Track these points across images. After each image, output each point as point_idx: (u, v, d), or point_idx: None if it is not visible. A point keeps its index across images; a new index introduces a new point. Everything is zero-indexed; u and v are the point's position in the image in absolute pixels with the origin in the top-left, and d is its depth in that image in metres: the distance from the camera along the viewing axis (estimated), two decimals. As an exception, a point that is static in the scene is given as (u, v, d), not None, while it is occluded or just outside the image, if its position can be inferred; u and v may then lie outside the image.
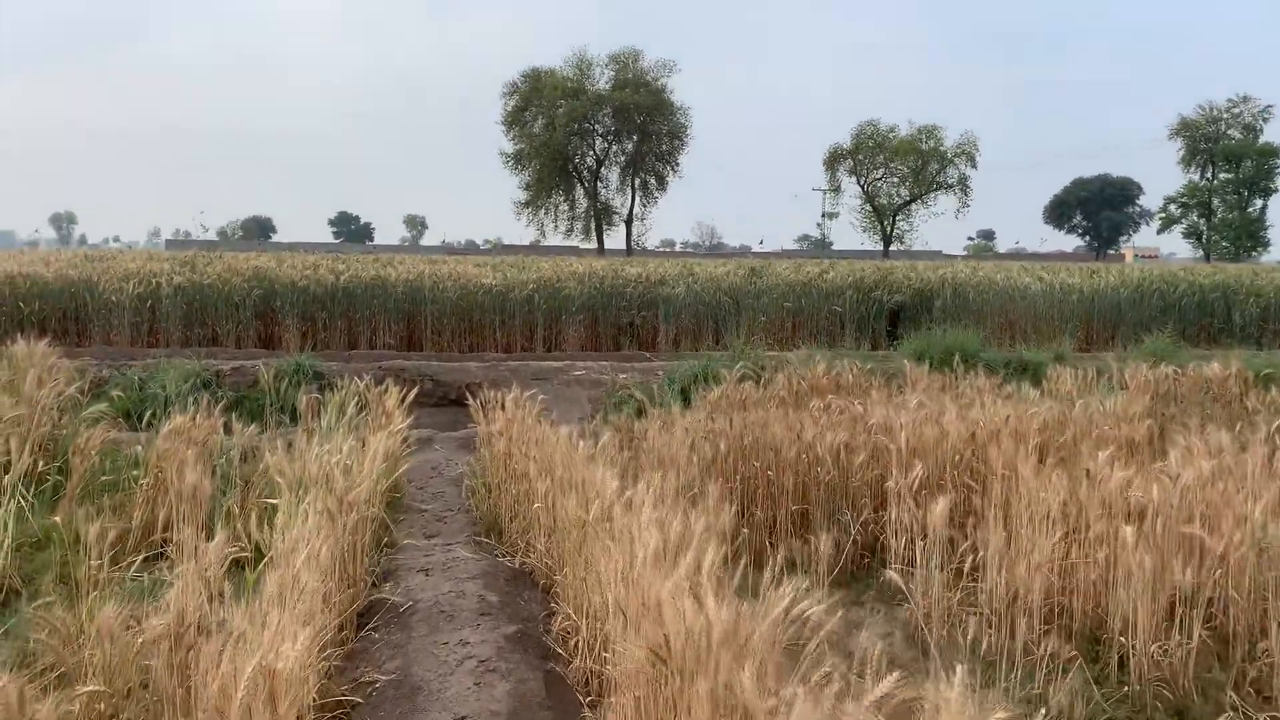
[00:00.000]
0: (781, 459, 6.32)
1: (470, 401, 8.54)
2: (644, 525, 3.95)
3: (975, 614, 5.01)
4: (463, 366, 13.01)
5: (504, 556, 6.22)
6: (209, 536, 4.74)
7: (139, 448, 6.74)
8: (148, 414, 9.88)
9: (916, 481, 5.66)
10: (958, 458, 6.16)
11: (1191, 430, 6.62)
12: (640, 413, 11.25)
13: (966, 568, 5.06)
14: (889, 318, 16.36)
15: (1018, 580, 4.79)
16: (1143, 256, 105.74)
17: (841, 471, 6.20)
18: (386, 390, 8.69)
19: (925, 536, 5.16)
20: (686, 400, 11.78)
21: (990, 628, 4.85)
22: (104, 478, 6.42)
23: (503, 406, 7.85)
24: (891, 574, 4.35)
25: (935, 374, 9.70)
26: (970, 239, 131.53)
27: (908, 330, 16.37)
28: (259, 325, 14.89)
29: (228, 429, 11.14)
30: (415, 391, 12.55)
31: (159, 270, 14.97)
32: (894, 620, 5.34)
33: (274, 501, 5.20)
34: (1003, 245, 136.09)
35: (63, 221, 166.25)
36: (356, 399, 8.39)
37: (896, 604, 5.55)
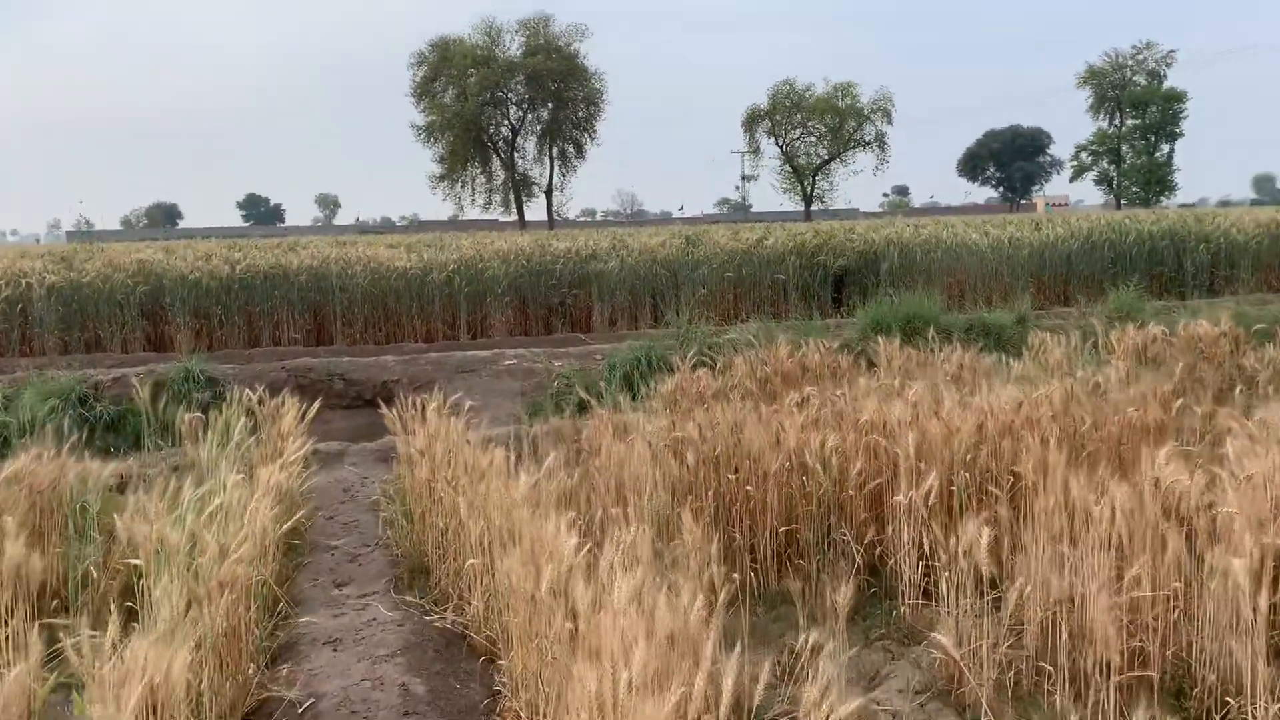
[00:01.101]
0: (762, 469, 5.27)
1: (385, 410, 7.32)
2: (618, 612, 2.86)
3: (1024, 659, 4.04)
4: (378, 362, 11.73)
5: (432, 611, 5.08)
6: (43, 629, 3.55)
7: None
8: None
9: (931, 494, 4.66)
10: (969, 457, 5.17)
11: (1223, 406, 5.74)
12: (583, 408, 10.14)
13: (1009, 609, 4.06)
14: (834, 283, 15.44)
15: (1079, 621, 3.82)
16: (1054, 205, 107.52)
17: (834, 481, 5.17)
18: (283, 403, 7.43)
19: (951, 566, 4.16)
20: (631, 389, 10.68)
21: (1049, 681, 3.89)
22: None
23: (424, 417, 6.68)
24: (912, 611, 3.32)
25: (904, 346, 8.75)
26: (885, 195, 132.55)
27: (853, 295, 15.48)
28: (147, 326, 13.35)
29: (107, 452, 9.69)
30: (324, 394, 11.28)
31: (29, 269, 13.31)
32: (919, 668, 4.34)
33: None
34: (917, 200, 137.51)
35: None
36: (247, 415, 7.12)
37: (915, 643, 4.56)
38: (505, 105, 67.01)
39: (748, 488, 5.24)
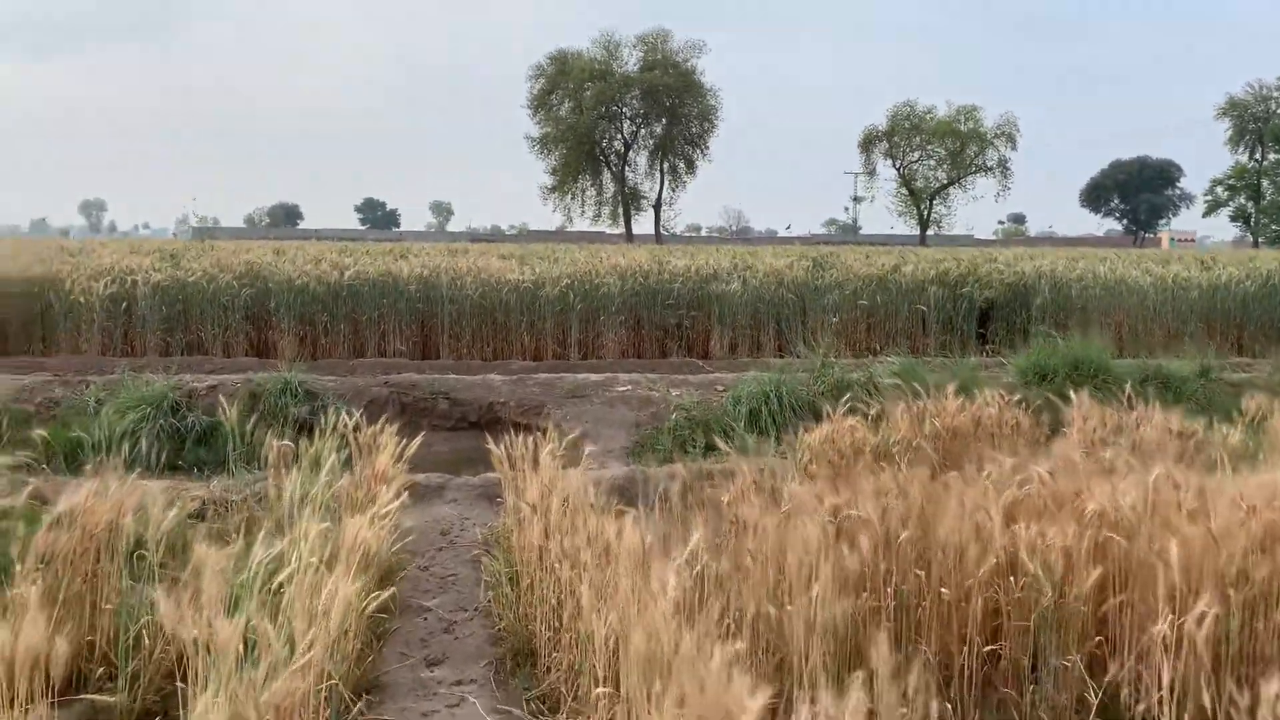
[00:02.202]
0: (960, 566, 4.18)
1: (491, 444, 6.45)
2: None
3: None
4: (485, 381, 10.91)
5: (540, 716, 4.12)
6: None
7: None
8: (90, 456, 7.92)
9: (1206, 629, 3.50)
10: (1235, 570, 3.98)
11: None
12: (709, 448, 9.13)
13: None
14: (979, 317, 14.11)
15: None
16: (1180, 241, 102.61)
17: (1057, 590, 4.04)
18: (381, 431, 6.61)
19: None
20: (759, 427, 9.65)
21: None
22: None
23: (535, 461, 5.76)
24: None
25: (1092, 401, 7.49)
26: (1001, 223, 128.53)
27: (999, 331, 14.13)
28: (251, 330, 12.85)
29: (195, 468, 9.04)
30: (427, 415, 10.52)
31: (136, 266, 12.95)
32: None
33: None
34: (1034, 229, 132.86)
35: (92, 209, 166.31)
36: (340, 445, 6.32)
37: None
38: (619, 119, 66.88)
39: (942, 589, 4.15)
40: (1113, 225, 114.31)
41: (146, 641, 4.23)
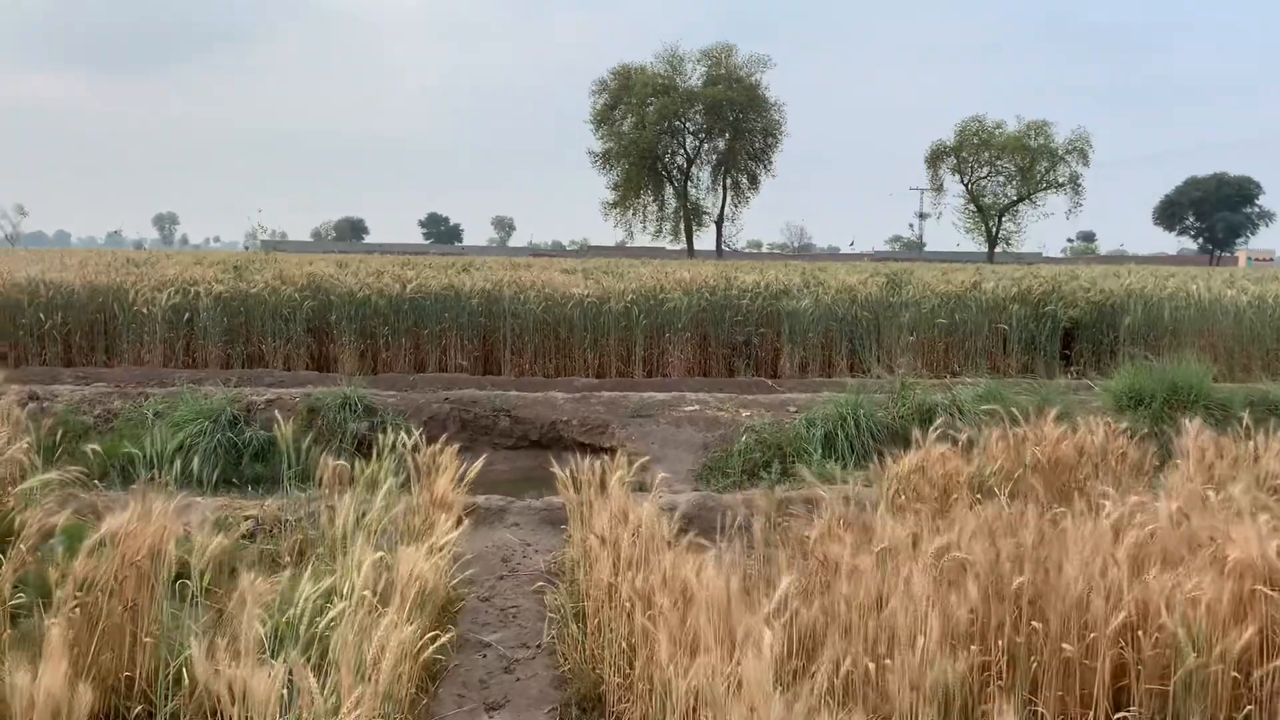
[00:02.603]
0: (1083, 619, 3.70)
1: (556, 466, 6.14)
2: None
3: None
4: (547, 398, 10.58)
5: (611, 774, 3.73)
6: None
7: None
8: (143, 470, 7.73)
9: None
10: None
11: None
12: (784, 474, 8.67)
13: None
14: (1063, 338, 13.45)
15: None
16: (1258, 260, 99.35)
17: (1200, 651, 3.53)
18: (441, 452, 6.30)
19: None
20: (835, 453, 9.16)
21: None
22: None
23: (603, 487, 5.40)
24: None
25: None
26: (1070, 241, 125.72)
27: (1085, 353, 13.45)
28: (312, 343, 12.69)
29: (254, 483, 8.87)
30: (488, 432, 10.21)
31: (199, 277, 12.88)
32: None
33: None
34: (1104, 247, 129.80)
35: (165, 222, 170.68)
36: (398, 466, 6.02)
37: None
38: (682, 134, 66.54)
39: (1064, 645, 3.67)
40: (1187, 244, 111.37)
41: (187, 680, 3.91)
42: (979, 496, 5.81)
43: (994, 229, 74.47)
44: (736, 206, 68.85)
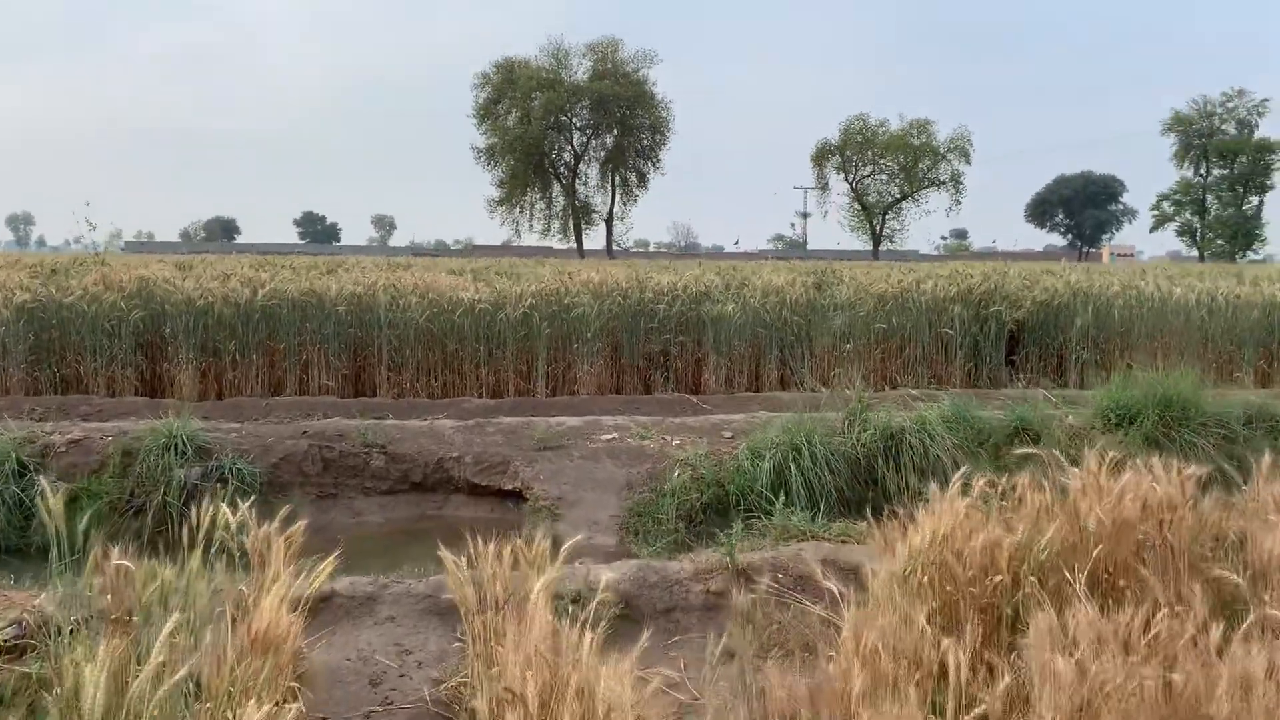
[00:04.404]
0: None
1: (445, 553, 4.38)
2: None
3: None
4: (433, 429, 8.69)
5: None
6: None
7: None
8: None
9: None
10: None
11: None
12: (724, 517, 6.98)
13: None
14: (1007, 342, 12.20)
15: None
16: (1120, 256, 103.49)
17: None
18: (278, 536, 4.43)
19: None
20: (783, 488, 7.55)
21: None
22: None
23: (519, 614, 3.66)
24: None
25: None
26: (943, 238, 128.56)
27: (1031, 358, 12.22)
28: (143, 362, 10.45)
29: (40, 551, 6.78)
30: (356, 474, 8.25)
31: (2, 283, 10.50)
32: None
33: None
34: (976, 244, 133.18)
35: (19, 223, 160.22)
36: (217, 551, 4.15)
37: None
38: (569, 130, 64.72)
39: None
40: (1055, 240, 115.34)
41: None
42: (1034, 579, 4.25)
43: (878, 227, 75.03)
44: (626, 205, 67.49)
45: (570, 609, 5.10)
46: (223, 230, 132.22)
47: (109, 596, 4.19)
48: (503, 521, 7.98)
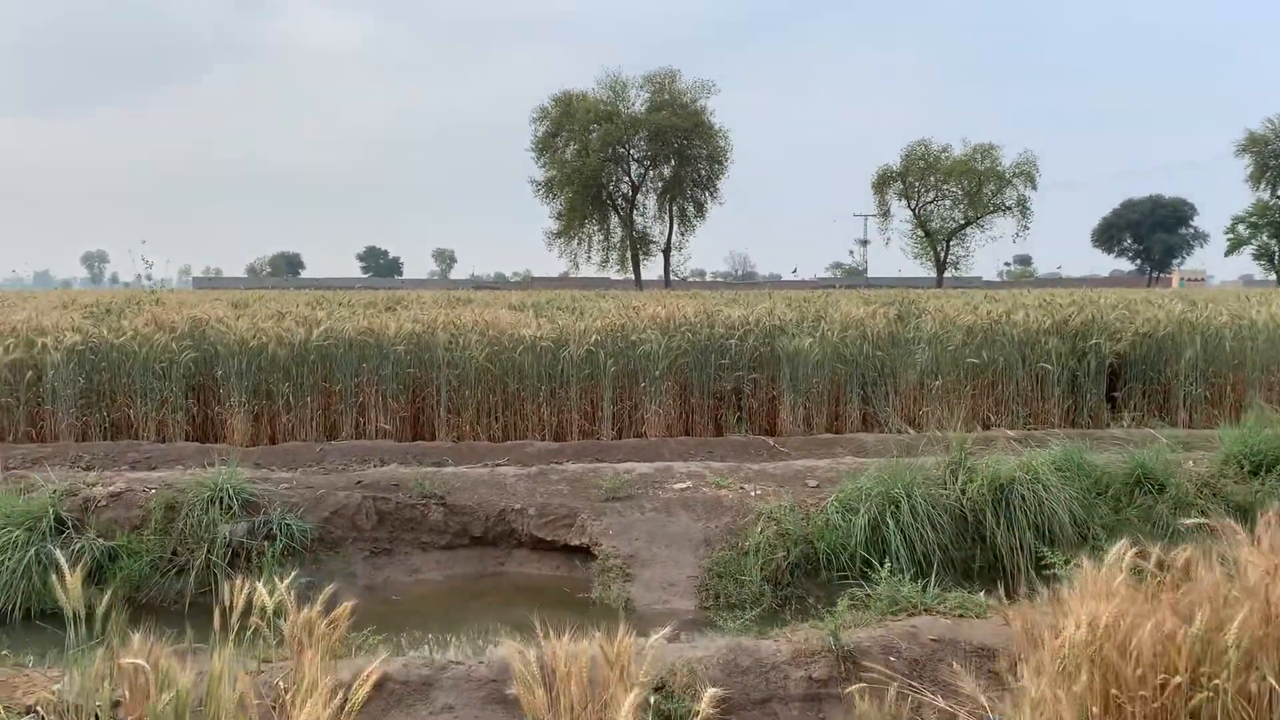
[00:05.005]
0: None
1: (518, 669, 3.75)
2: None
3: None
4: (494, 476, 8.10)
5: None
6: None
7: None
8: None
9: None
10: None
11: None
12: (814, 579, 6.27)
13: None
14: (1110, 377, 11.31)
15: None
16: (1190, 281, 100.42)
17: None
18: (324, 620, 3.85)
19: None
20: (880, 546, 6.80)
21: None
22: None
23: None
24: None
25: None
26: (1006, 265, 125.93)
27: (1134, 394, 11.30)
28: (194, 406, 10.05)
29: (86, 621, 6.26)
30: (414, 528, 7.68)
31: (50, 325, 10.19)
32: None
33: None
34: (1041, 270, 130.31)
35: (94, 261, 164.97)
36: (250, 638, 3.58)
37: None
38: (626, 161, 64.51)
39: None
40: (1121, 265, 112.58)
41: None
42: (1221, 682, 3.49)
43: (942, 254, 73.58)
44: (683, 235, 67.01)
45: (653, 699, 4.45)
46: (288, 265, 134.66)
47: (127, 693, 3.69)
48: (569, 580, 7.35)
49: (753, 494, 7.77)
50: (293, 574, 6.62)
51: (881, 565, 6.51)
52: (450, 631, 6.54)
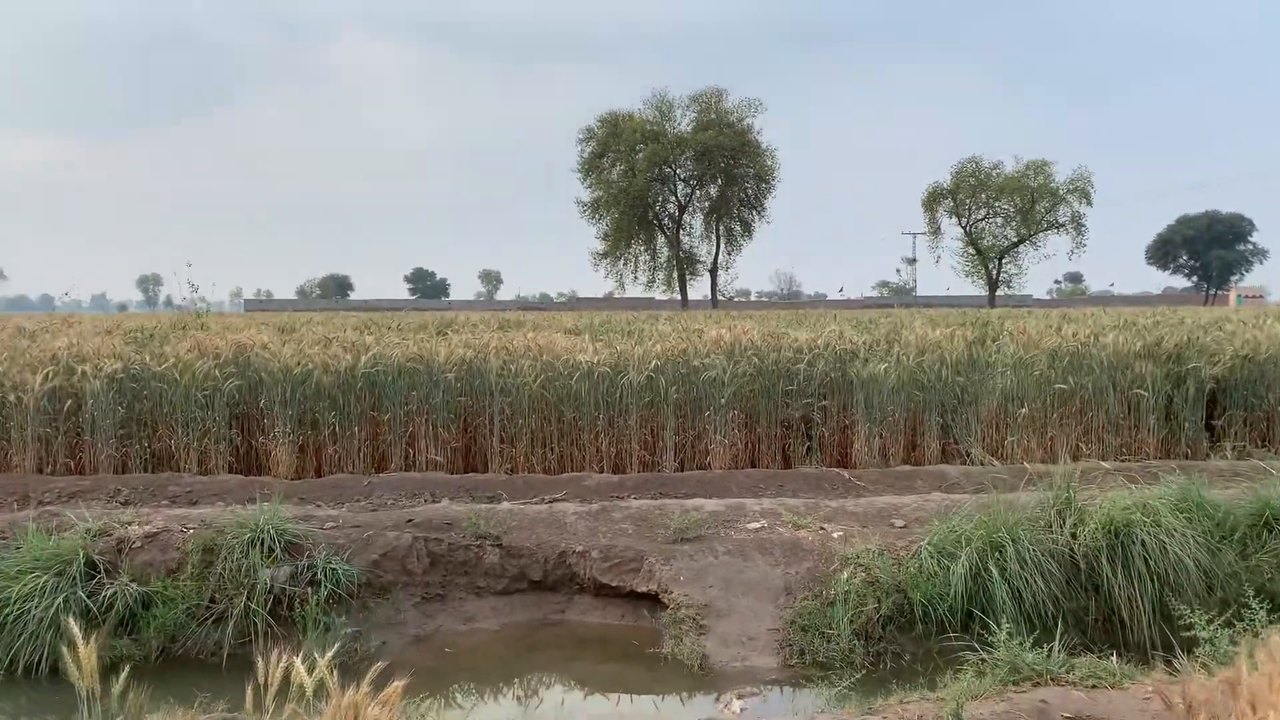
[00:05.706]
0: None
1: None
2: None
3: None
4: (552, 514, 7.53)
5: None
6: None
7: None
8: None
9: None
10: None
11: None
12: (906, 632, 5.60)
13: None
14: (1208, 403, 10.50)
15: None
16: (1248, 298, 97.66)
17: None
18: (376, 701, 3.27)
19: None
20: (983, 599, 6.13)
21: None
22: None
23: None
24: None
25: None
26: (1057, 282, 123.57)
27: (1235, 421, 10.48)
28: (237, 436, 9.62)
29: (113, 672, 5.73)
30: (468, 572, 7.12)
31: (90, 352, 9.83)
32: None
33: None
34: (1093, 287, 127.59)
35: (149, 284, 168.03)
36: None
37: None
38: (673, 181, 64.11)
39: None
40: (1174, 283, 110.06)
41: None
42: None
43: (994, 272, 72.20)
44: (730, 254, 66.39)
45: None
46: (337, 287, 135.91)
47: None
48: (636, 631, 6.75)
49: (834, 535, 7.12)
50: (340, 632, 6.09)
51: (986, 618, 5.86)
52: (507, 680, 5.99)
